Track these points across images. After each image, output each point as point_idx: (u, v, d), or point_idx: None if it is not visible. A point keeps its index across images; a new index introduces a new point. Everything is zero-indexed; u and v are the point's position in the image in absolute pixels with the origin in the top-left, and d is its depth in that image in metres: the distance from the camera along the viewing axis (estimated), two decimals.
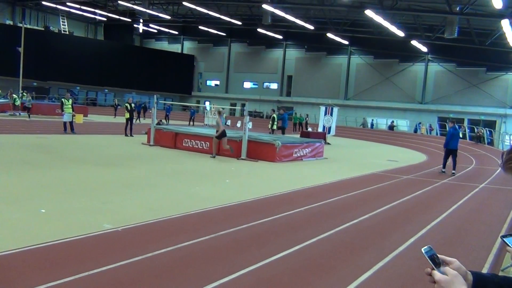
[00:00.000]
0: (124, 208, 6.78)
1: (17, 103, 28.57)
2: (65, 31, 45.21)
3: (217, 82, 51.73)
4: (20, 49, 31.38)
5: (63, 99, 19.31)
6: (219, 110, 15.32)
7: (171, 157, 14.03)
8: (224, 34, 47.33)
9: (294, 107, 44.43)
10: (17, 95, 29.53)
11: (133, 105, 20.49)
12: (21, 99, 30.07)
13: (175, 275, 4.21)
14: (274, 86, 48.18)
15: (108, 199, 7.31)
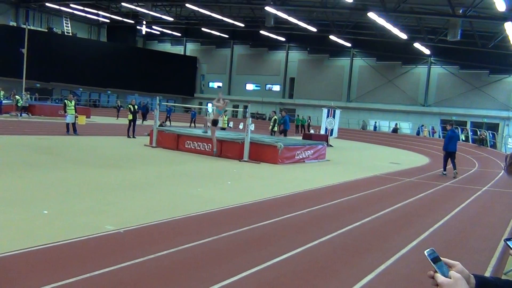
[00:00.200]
0: (126, 209, 6.78)
1: (20, 104, 28.65)
2: (68, 32, 45.37)
3: (220, 83, 51.78)
4: (23, 50, 31.50)
5: (66, 101, 19.38)
6: (224, 100, 15.19)
7: (173, 159, 14.04)
8: (226, 36, 47.41)
9: (296, 109, 44.47)
10: (20, 96, 29.62)
11: (136, 106, 20.53)
12: (28, 100, 30.16)
13: (177, 277, 4.21)
14: (276, 88, 48.20)
15: (110, 200, 7.32)
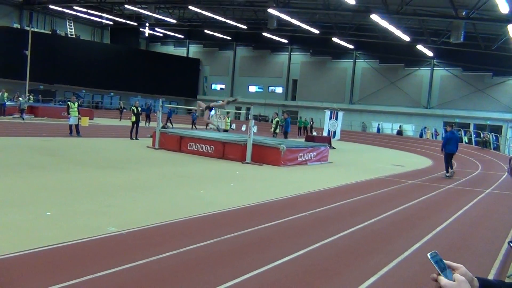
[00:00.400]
0: (128, 211, 6.79)
1: (23, 106, 28.73)
2: (71, 34, 45.53)
3: (222, 86, 51.82)
4: (27, 52, 31.63)
5: (69, 102, 19.44)
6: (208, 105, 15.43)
7: (176, 161, 14.05)
8: (229, 38, 47.45)
9: (299, 111, 44.44)
10: (23, 98, 29.71)
11: (139, 108, 20.58)
12: (27, 102, 30.26)
13: (179, 279, 4.21)
14: (279, 90, 48.20)
15: (113, 202, 7.33)
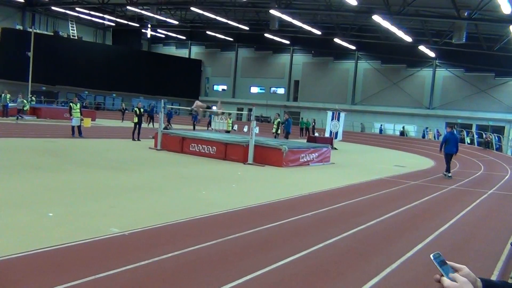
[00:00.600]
0: (131, 212, 6.80)
1: (26, 108, 28.86)
2: (74, 36, 45.63)
3: (224, 86, 51.87)
4: (29, 54, 31.76)
5: (71, 104, 19.49)
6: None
7: (178, 162, 14.06)
8: (231, 39, 47.47)
9: (301, 112, 44.44)
10: (26, 100, 29.83)
11: (142, 109, 20.60)
12: (30, 103, 30.37)
13: (182, 280, 4.21)
14: (281, 91, 48.22)
15: (115, 203, 7.34)
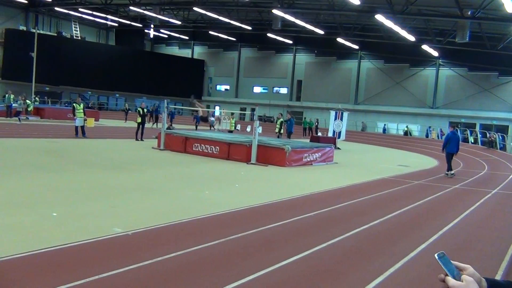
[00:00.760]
0: (134, 212, 6.80)
1: (30, 108, 28.96)
2: (77, 36, 45.76)
3: (227, 86, 51.91)
4: (33, 54, 31.84)
5: (75, 104, 19.54)
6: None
7: (181, 162, 14.07)
8: (234, 39, 47.50)
9: (304, 112, 44.43)
10: (30, 100, 29.93)
11: (145, 110, 20.62)
12: (33, 103, 30.47)
13: (184, 280, 4.21)
14: (284, 90, 48.20)
15: (118, 203, 7.35)
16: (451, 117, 37.87)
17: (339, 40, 38.40)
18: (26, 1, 40.27)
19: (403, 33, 30.48)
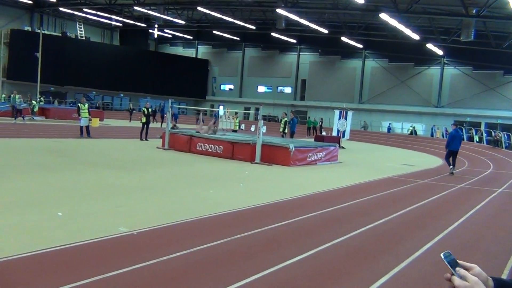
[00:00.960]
0: (139, 211, 6.82)
1: (36, 109, 29.08)
2: (81, 36, 45.94)
3: (231, 86, 51.93)
4: (38, 55, 32.01)
5: (80, 104, 19.61)
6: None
7: (185, 161, 14.09)
8: (238, 38, 47.52)
9: (308, 111, 44.37)
10: (35, 100, 30.08)
11: (150, 109, 20.67)
12: (38, 103, 30.61)
13: (189, 279, 4.21)
14: (288, 90, 48.17)
15: (123, 202, 7.37)
16: (456, 116, 37.70)
17: (343, 39, 38.32)
18: (31, 2, 40.46)
19: (408, 32, 30.37)
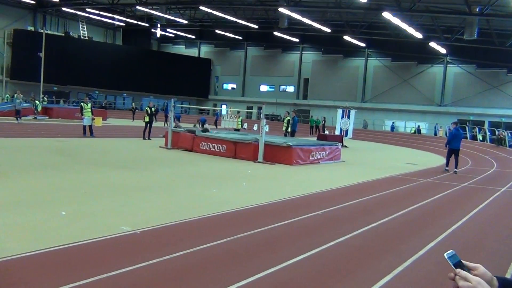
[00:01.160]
0: (142, 210, 6.83)
1: (39, 108, 29.18)
2: (84, 36, 46.04)
3: (234, 85, 51.94)
4: (41, 54, 32.10)
5: (82, 103, 19.65)
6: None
7: (189, 160, 14.10)
8: (240, 37, 47.51)
9: (311, 110, 44.35)
10: (38, 100, 30.17)
11: (153, 109, 20.69)
12: (41, 103, 30.71)
13: (192, 278, 4.22)
14: (290, 89, 48.14)
15: (126, 201, 7.38)
16: (459, 114, 37.56)
17: (346, 38, 38.25)
18: (34, 2, 40.56)
19: (411, 31, 30.28)
